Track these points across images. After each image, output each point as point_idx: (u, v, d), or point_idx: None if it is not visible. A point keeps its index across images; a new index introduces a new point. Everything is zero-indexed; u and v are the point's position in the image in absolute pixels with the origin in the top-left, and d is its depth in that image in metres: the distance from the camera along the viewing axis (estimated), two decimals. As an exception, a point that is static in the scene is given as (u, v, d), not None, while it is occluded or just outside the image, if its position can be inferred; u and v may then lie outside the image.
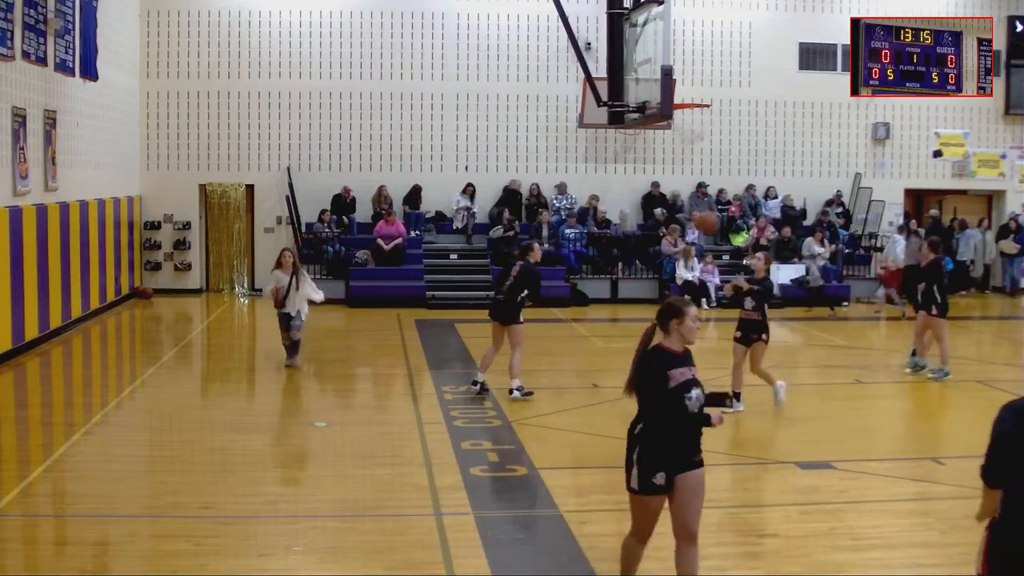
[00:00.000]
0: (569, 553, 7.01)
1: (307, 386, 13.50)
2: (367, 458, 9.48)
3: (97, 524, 7.60)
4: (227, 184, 22.31)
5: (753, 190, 23.33)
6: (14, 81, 14.27)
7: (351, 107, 22.34)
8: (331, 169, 22.31)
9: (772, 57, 23.27)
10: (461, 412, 11.17)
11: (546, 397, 12.45)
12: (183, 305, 20.74)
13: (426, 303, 20.15)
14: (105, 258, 18.73)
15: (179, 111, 21.93)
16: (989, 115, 24.28)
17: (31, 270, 14.65)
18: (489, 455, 9.43)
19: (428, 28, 22.48)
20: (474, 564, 6.73)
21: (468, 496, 8.13)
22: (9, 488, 8.24)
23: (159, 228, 21.98)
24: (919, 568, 6.79)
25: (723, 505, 8.10)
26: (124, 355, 16.54)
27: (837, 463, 9.25)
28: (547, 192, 22.69)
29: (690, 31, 23.07)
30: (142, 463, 9.53)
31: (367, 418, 11.46)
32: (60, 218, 16.01)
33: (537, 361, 15.20)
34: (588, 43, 21.40)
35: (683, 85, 20.49)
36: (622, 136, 21.55)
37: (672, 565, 5.90)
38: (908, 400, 12.94)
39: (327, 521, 7.69)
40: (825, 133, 23.82)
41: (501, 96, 22.71)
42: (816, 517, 7.85)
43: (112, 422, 10.84)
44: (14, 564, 6.81)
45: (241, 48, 21.96)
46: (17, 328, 14.12)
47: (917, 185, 24.49)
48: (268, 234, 22.29)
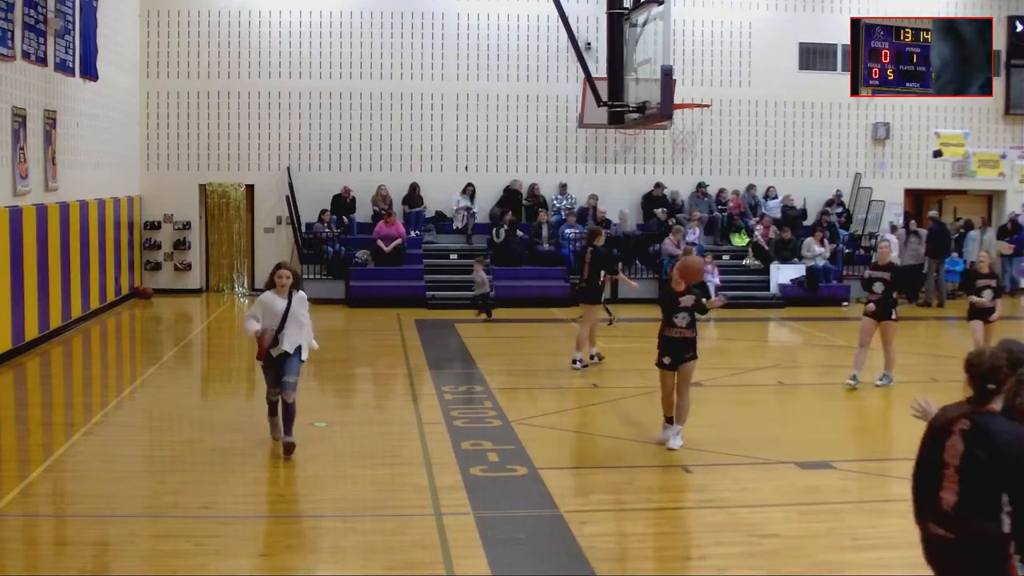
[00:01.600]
0: (569, 553, 7.01)
1: (307, 386, 13.48)
2: (367, 458, 9.48)
3: (97, 524, 7.59)
4: (227, 184, 22.31)
5: (753, 190, 23.34)
6: (14, 81, 14.27)
7: (351, 107, 22.34)
8: (331, 169, 22.31)
9: (772, 57, 23.27)
10: (461, 412, 11.17)
11: (546, 397, 12.46)
12: (183, 305, 20.74)
13: (426, 303, 20.15)
14: (105, 258, 18.73)
15: (179, 111, 21.93)
16: (989, 115, 24.28)
17: (31, 270, 14.65)
18: (489, 455, 9.43)
19: (428, 28, 22.48)
20: (474, 564, 6.73)
21: (468, 496, 8.13)
22: (9, 488, 8.24)
23: (159, 228, 21.98)
24: (919, 568, 6.75)
25: (723, 505, 8.11)
26: (124, 355, 16.54)
27: (837, 463, 9.24)
28: (547, 192, 22.69)
29: (690, 31, 23.07)
30: (142, 463, 9.52)
31: (367, 418, 11.46)
32: (60, 218, 16.01)
33: (537, 361, 15.22)
34: (588, 43, 21.40)
35: (683, 85, 20.48)
36: (622, 136, 21.53)
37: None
38: (908, 400, 12.89)
39: (327, 521, 7.69)
40: (825, 133, 23.82)
41: (501, 96, 22.71)
42: (816, 517, 7.85)
43: (112, 422, 10.84)
44: (14, 564, 6.81)
45: (241, 48, 21.96)
46: (17, 328, 14.12)
47: (917, 185, 24.49)
48: (268, 234, 22.30)
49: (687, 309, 9.61)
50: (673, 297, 9.67)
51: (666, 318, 9.68)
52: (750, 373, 13.97)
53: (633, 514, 8.07)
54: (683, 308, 9.60)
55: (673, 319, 9.61)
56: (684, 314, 9.59)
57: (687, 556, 7.06)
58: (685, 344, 9.61)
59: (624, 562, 7.02)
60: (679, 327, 9.60)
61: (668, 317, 9.66)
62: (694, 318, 9.67)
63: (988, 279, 12.93)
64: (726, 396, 12.39)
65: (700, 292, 9.91)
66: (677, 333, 9.60)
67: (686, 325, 9.60)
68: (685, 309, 9.60)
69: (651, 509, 8.21)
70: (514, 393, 12.56)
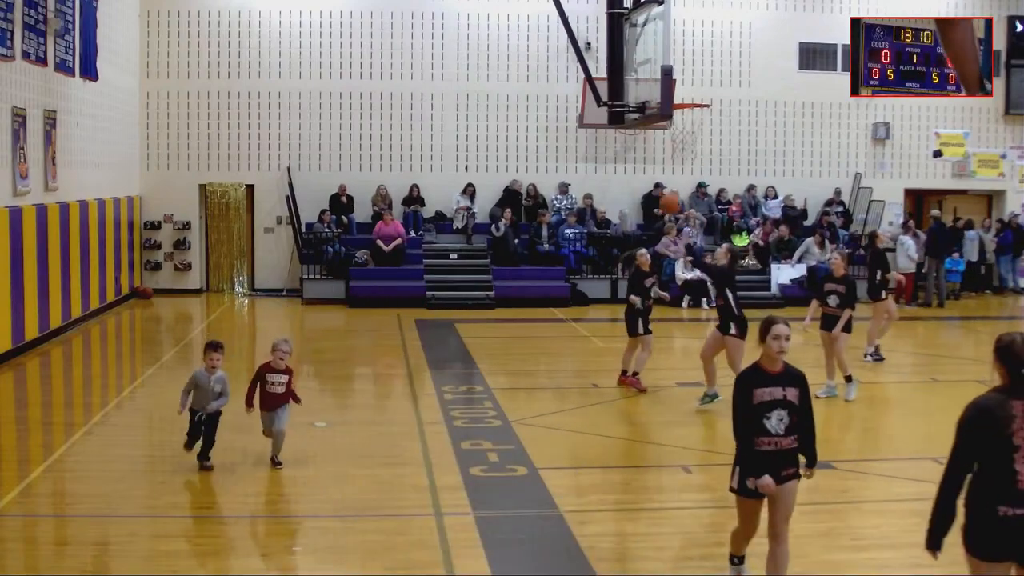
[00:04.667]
0: (569, 553, 7.01)
1: (307, 386, 13.48)
2: (367, 458, 9.47)
3: (97, 524, 7.60)
4: (227, 184, 22.31)
5: (754, 190, 23.33)
6: (14, 81, 14.27)
7: (351, 107, 22.34)
8: (331, 169, 22.31)
9: (772, 57, 23.27)
10: (461, 412, 11.17)
11: (546, 397, 12.46)
12: (183, 305, 20.74)
13: (426, 303, 20.15)
14: (105, 258, 18.73)
15: (179, 111, 21.93)
16: (989, 115, 24.28)
17: (31, 270, 14.65)
18: (489, 455, 9.43)
19: (428, 28, 22.48)
20: (474, 564, 6.73)
21: (468, 496, 8.13)
22: (9, 488, 8.24)
23: (159, 228, 21.98)
24: (919, 568, 6.78)
25: (723, 505, 8.10)
26: (124, 355, 16.54)
27: (837, 463, 9.24)
28: (547, 192, 22.69)
29: (690, 31, 23.07)
30: (142, 463, 9.53)
31: (367, 418, 11.46)
32: (60, 218, 16.01)
33: (537, 361, 15.22)
34: (588, 43, 21.40)
35: (683, 85, 20.47)
36: (622, 136, 21.53)
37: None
38: (908, 400, 12.93)
39: (327, 521, 7.69)
40: (825, 133, 23.82)
41: (501, 96, 22.71)
42: (816, 517, 7.84)
43: (112, 422, 10.84)
44: (14, 564, 6.81)
45: (241, 48, 21.96)
46: (17, 328, 14.12)
47: (917, 185, 24.49)
48: (268, 234, 22.30)
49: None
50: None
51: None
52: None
53: (633, 514, 8.07)
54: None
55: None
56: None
57: (687, 556, 7.06)
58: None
59: (624, 562, 7.02)
60: None
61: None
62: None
63: (838, 284, 12.04)
64: (726, 396, 12.36)
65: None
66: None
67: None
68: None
69: (651, 509, 8.21)
70: (514, 393, 12.56)
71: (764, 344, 5.93)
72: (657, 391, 12.33)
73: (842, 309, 11.85)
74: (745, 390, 5.86)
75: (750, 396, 5.82)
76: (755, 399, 5.81)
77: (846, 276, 12.08)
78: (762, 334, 5.95)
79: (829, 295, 11.99)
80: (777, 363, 5.91)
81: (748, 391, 5.84)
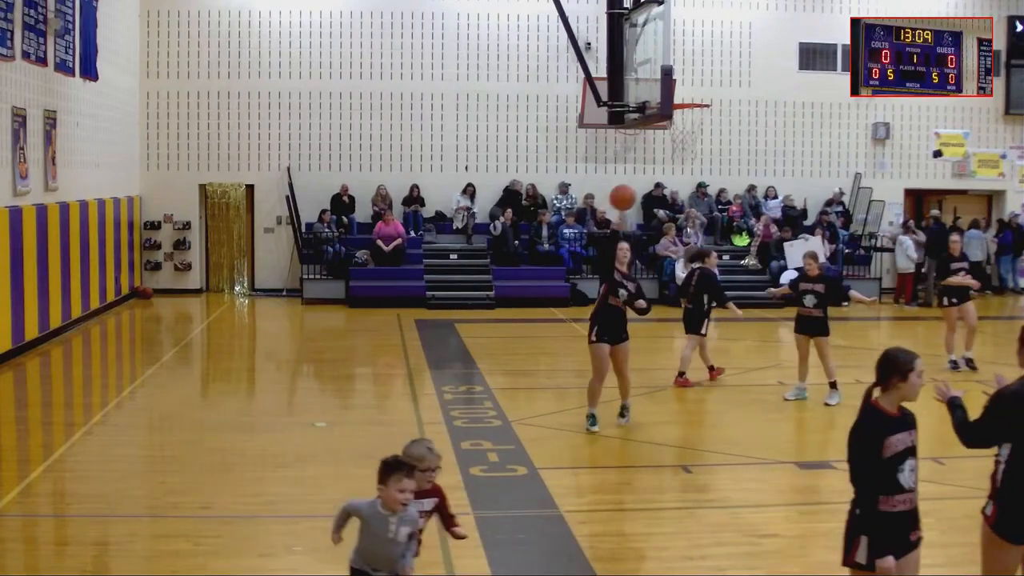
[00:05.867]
0: (569, 553, 7.01)
1: (307, 386, 13.50)
2: (367, 458, 9.42)
3: (97, 524, 7.59)
4: (227, 184, 22.31)
5: (754, 190, 23.34)
6: (14, 81, 14.27)
7: (351, 107, 22.34)
8: (331, 169, 22.31)
9: (772, 57, 23.27)
10: (461, 412, 11.17)
11: (546, 397, 12.46)
12: (183, 305, 20.74)
13: (426, 303, 20.15)
14: (105, 258, 18.72)
15: (179, 111, 21.93)
16: (989, 115, 24.28)
17: (31, 270, 14.65)
18: (489, 455, 9.42)
19: (428, 28, 22.48)
20: (474, 564, 6.73)
21: (468, 496, 8.12)
22: (9, 488, 8.24)
23: (159, 228, 21.98)
24: (919, 568, 6.79)
25: (723, 505, 8.11)
26: (124, 355, 16.54)
27: (837, 463, 9.22)
28: (547, 192, 22.69)
29: (690, 31, 23.07)
30: (142, 463, 9.53)
31: (367, 418, 11.45)
32: (60, 218, 16.01)
33: (537, 361, 15.23)
34: (588, 43, 21.39)
35: (683, 85, 20.46)
36: (622, 136, 21.52)
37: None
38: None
39: (327, 521, 7.66)
40: (825, 133, 23.82)
41: (501, 96, 22.71)
42: (816, 517, 7.85)
43: (112, 422, 10.84)
44: (14, 564, 6.81)
45: (241, 48, 21.96)
46: (17, 328, 14.12)
47: (917, 185, 24.49)
48: (268, 234, 22.30)
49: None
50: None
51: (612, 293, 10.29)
52: (750, 373, 13.97)
53: (633, 514, 8.07)
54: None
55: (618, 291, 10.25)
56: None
57: (687, 556, 7.06)
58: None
59: (624, 562, 7.02)
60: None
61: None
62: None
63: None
64: (726, 396, 12.40)
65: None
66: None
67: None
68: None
69: (651, 509, 8.20)
70: (514, 393, 12.56)
71: (894, 382, 4.86)
72: (657, 391, 12.34)
73: (819, 309, 11.87)
74: (876, 439, 4.78)
75: (881, 447, 4.75)
76: (887, 451, 4.76)
77: (821, 275, 12.07)
78: (897, 371, 4.88)
79: (805, 295, 11.94)
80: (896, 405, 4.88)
81: (879, 440, 4.77)
